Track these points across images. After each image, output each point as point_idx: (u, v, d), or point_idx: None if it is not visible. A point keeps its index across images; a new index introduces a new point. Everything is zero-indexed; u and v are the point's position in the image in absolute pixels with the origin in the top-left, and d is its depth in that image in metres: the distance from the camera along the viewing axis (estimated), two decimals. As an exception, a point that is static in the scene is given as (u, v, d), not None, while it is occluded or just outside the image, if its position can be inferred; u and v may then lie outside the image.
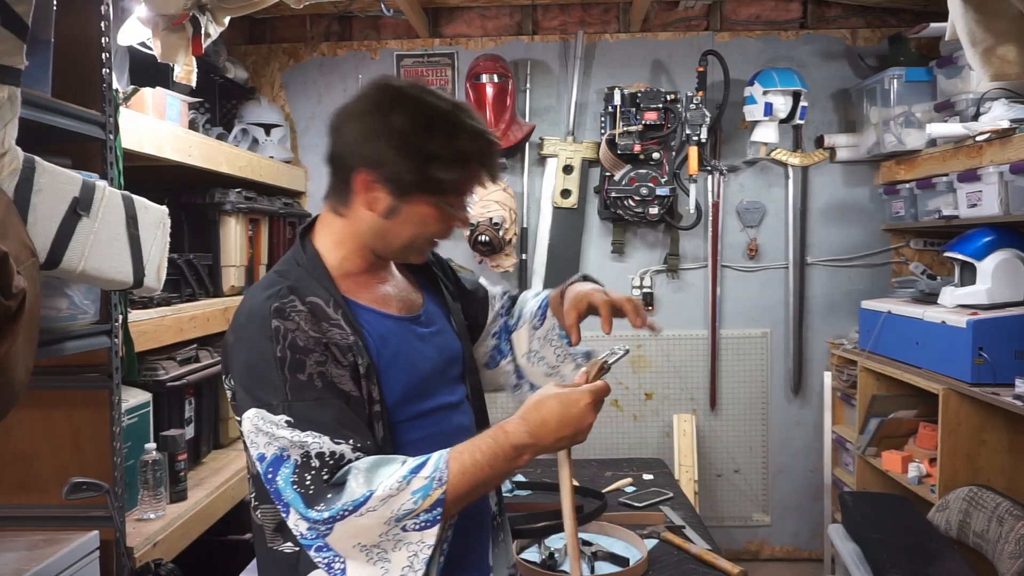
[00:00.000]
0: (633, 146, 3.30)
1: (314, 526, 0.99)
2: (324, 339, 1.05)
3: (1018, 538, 2.00)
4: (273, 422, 1.01)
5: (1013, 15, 1.51)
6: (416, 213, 1.12)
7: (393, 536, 0.99)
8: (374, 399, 1.09)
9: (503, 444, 1.04)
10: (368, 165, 1.09)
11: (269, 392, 1.02)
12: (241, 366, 1.06)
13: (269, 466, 1.02)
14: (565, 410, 1.05)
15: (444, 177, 1.09)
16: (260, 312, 1.06)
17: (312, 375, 1.03)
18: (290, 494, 1.00)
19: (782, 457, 3.58)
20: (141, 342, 1.96)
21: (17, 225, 1.23)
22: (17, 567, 1.49)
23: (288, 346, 1.03)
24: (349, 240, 1.16)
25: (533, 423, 1.05)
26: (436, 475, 0.99)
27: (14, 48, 1.21)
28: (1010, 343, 2.41)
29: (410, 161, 1.08)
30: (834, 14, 3.50)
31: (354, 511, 0.97)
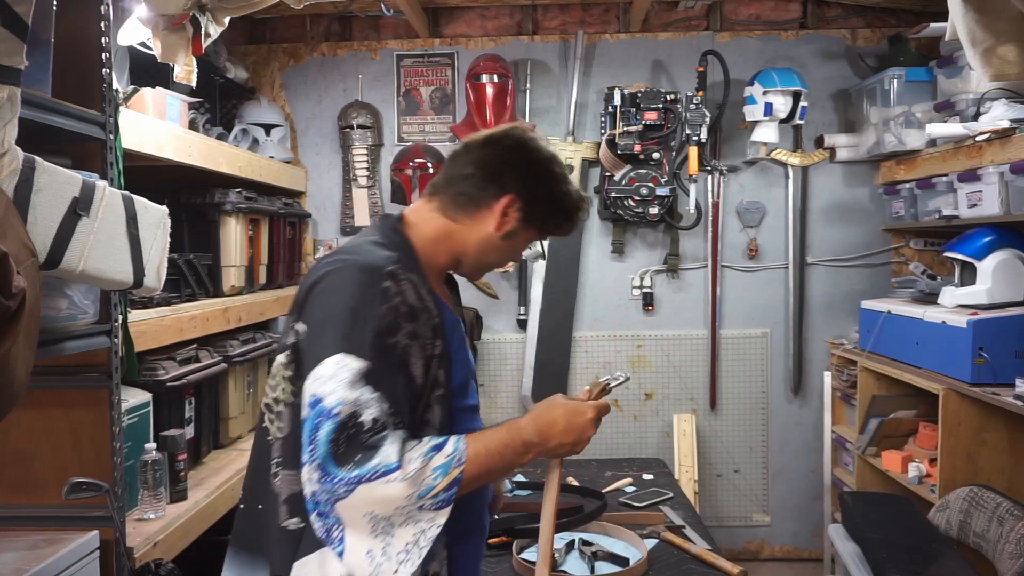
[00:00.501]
0: (633, 146, 3.30)
1: (336, 485, 1.01)
2: (421, 313, 1.13)
3: (1018, 538, 2.00)
4: (353, 370, 1.05)
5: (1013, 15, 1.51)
6: (520, 241, 1.29)
7: (406, 512, 1.03)
8: (439, 383, 1.15)
9: (515, 437, 1.11)
10: (517, 193, 1.24)
11: (359, 340, 1.06)
12: (340, 312, 1.09)
13: (321, 413, 1.04)
14: (572, 417, 1.14)
15: (554, 221, 1.29)
16: (375, 270, 1.11)
17: (397, 343, 1.09)
18: (324, 448, 1.02)
19: (782, 457, 3.58)
20: (141, 342, 1.96)
21: (17, 225, 1.23)
22: (17, 567, 1.49)
23: (393, 309, 1.09)
24: (448, 240, 1.25)
25: (542, 423, 1.13)
26: (456, 455, 1.05)
27: (14, 48, 1.21)
28: (1010, 343, 2.41)
29: (546, 203, 1.27)
30: (834, 14, 3.50)
31: (383, 475, 1.00)
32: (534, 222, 1.27)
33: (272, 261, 3.13)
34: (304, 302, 1.14)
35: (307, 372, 1.08)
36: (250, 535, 1.21)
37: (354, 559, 1.03)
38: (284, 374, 1.14)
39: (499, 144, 1.26)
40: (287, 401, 1.13)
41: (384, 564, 1.03)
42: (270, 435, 1.17)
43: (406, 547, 1.03)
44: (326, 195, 3.62)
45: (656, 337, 3.55)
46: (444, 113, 3.56)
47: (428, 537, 1.03)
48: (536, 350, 3.49)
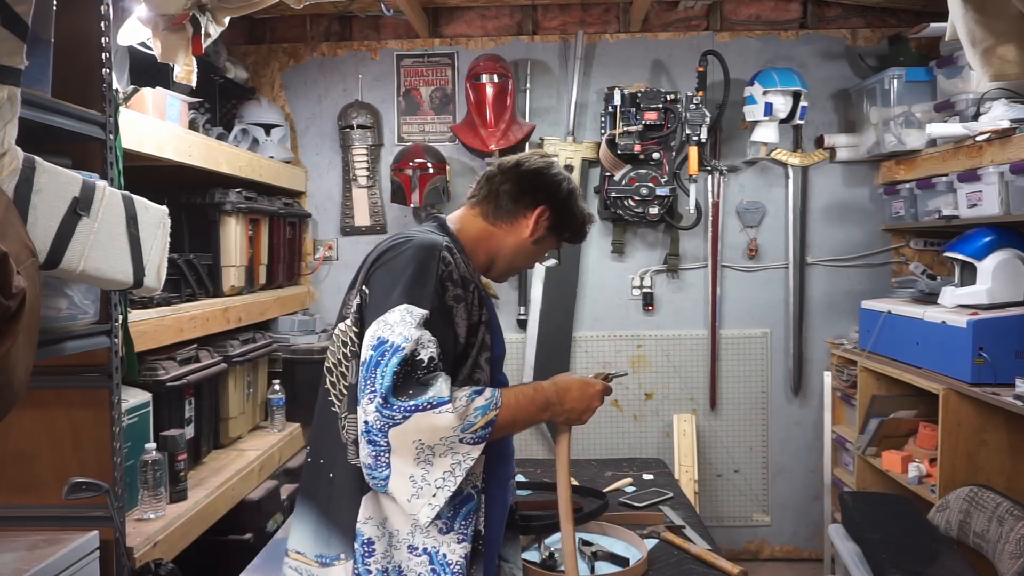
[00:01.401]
0: (633, 146, 3.31)
1: (395, 411, 1.17)
2: (473, 283, 1.34)
3: (1018, 538, 2.00)
4: (418, 315, 1.23)
5: (1013, 15, 1.51)
6: (543, 247, 1.52)
7: (448, 443, 1.19)
8: (487, 345, 1.35)
9: (539, 394, 1.33)
10: (551, 205, 1.48)
11: (422, 294, 1.26)
12: (403, 268, 1.29)
13: (386, 350, 1.20)
14: (584, 387, 1.37)
15: (571, 231, 1.53)
16: (434, 245, 1.32)
17: (446, 301, 1.29)
18: (387, 380, 1.18)
19: (782, 457, 3.58)
20: (141, 342, 1.96)
21: (17, 225, 1.23)
22: (17, 567, 1.49)
23: (447, 271, 1.30)
24: (488, 242, 1.48)
25: (560, 386, 1.34)
26: (494, 400, 1.24)
27: (14, 48, 1.21)
28: (1010, 343, 2.41)
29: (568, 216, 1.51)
30: (834, 14, 3.50)
31: (436, 407, 1.17)
32: (556, 231, 1.50)
33: (272, 261, 3.13)
34: (370, 271, 1.34)
35: (372, 322, 1.25)
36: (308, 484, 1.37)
37: (398, 482, 1.20)
38: (351, 334, 1.31)
39: (531, 165, 1.50)
40: (352, 354, 1.30)
41: (424, 488, 1.19)
42: (331, 395, 1.36)
43: (443, 475, 1.20)
44: (326, 195, 3.62)
45: (656, 337, 3.55)
46: (444, 113, 3.56)
47: (463, 468, 1.20)
48: (536, 350, 3.49)
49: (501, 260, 1.50)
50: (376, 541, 1.24)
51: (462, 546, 1.23)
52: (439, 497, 1.19)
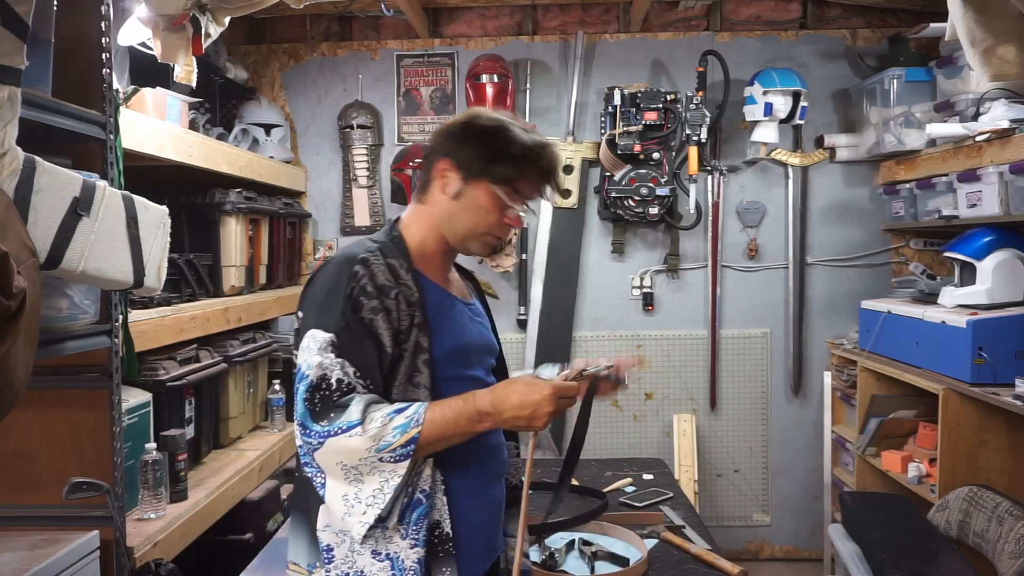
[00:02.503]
0: (633, 146, 3.31)
1: (312, 438, 1.19)
2: (396, 290, 1.27)
3: (1018, 538, 2.00)
4: (321, 340, 1.22)
5: (1013, 15, 1.51)
6: (477, 198, 1.34)
7: (370, 463, 1.19)
8: (423, 347, 1.28)
9: (470, 406, 1.24)
10: (447, 154, 1.36)
11: (330, 318, 1.24)
12: (317, 291, 1.29)
13: (299, 379, 1.23)
14: (527, 395, 1.24)
15: (504, 168, 1.33)
16: (349, 258, 1.28)
17: (363, 318, 1.24)
18: (301, 407, 1.20)
19: (782, 457, 3.58)
20: (141, 342, 1.96)
21: (17, 225, 1.23)
22: (17, 567, 1.50)
23: (359, 288, 1.25)
24: (426, 222, 1.38)
25: (497, 396, 1.25)
26: (415, 417, 1.20)
27: (14, 48, 1.21)
28: (1010, 343, 2.41)
29: (477, 150, 1.34)
30: (834, 14, 3.50)
31: (347, 431, 1.17)
32: (479, 174, 1.34)
33: (272, 261, 3.13)
34: (301, 295, 1.35)
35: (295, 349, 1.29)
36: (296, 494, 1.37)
37: (332, 501, 1.21)
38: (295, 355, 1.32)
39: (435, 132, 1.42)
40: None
41: (356, 506, 1.20)
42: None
43: (373, 493, 1.19)
44: (326, 195, 3.62)
45: (656, 337, 3.55)
46: (444, 113, 3.56)
47: (392, 485, 1.19)
48: (536, 350, 3.49)
49: (450, 233, 1.38)
50: (335, 547, 1.25)
51: (415, 551, 1.22)
52: (369, 514, 1.19)
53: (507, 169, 1.34)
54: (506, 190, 1.34)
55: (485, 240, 1.39)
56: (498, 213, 1.35)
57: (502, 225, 1.37)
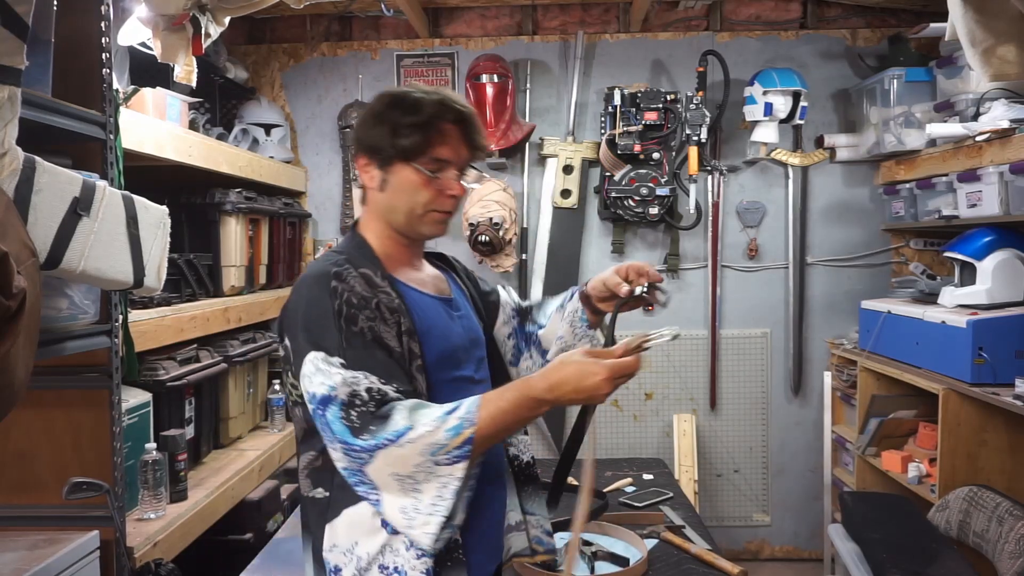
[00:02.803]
0: (633, 146, 3.30)
1: (358, 454, 1.13)
2: (375, 299, 1.22)
3: (1018, 538, 2.00)
4: (330, 362, 1.17)
5: (1013, 15, 1.51)
6: (401, 181, 1.29)
7: (426, 468, 1.12)
8: (416, 354, 1.24)
9: (526, 395, 1.17)
10: (360, 149, 1.32)
11: (328, 338, 1.18)
12: (303, 318, 1.22)
13: (320, 403, 1.16)
14: (580, 379, 1.15)
15: (410, 140, 1.26)
16: (322, 274, 1.23)
17: (363, 328, 1.19)
18: (339, 427, 1.15)
19: (782, 457, 3.58)
20: (141, 342, 1.96)
21: (17, 225, 1.23)
22: (17, 567, 1.50)
23: (344, 302, 1.20)
24: (374, 222, 1.35)
25: (552, 381, 1.16)
26: (468, 416, 1.13)
27: (14, 48, 1.21)
28: (1010, 343, 2.41)
29: (380, 132, 1.28)
30: (834, 14, 3.50)
31: (395, 441, 1.11)
32: (390, 157, 1.28)
33: (272, 261, 3.13)
34: (281, 321, 1.29)
35: (297, 377, 1.22)
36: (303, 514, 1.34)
37: (392, 515, 1.16)
38: (289, 384, 1.29)
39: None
40: (296, 401, 1.28)
41: (416, 518, 1.14)
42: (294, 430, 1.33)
43: (433, 501, 1.13)
44: (326, 195, 3.62)
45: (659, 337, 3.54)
46: (444, 113, 3.55)
47: (451, 490, 1.13)
48: (536, 350, 3.48)
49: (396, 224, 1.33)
50: (343, 568, 1.22)
51: (422, 561, 1.17)
52: (432, 524, 1.13)
53: (414, 139, 1.26)
54: (423, 161, 1.28)
55: (432, 219, 1.32)
56: (429, 188, 1.29)
57: (440, 197, 1.30)
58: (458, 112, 1.30)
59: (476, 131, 1.33)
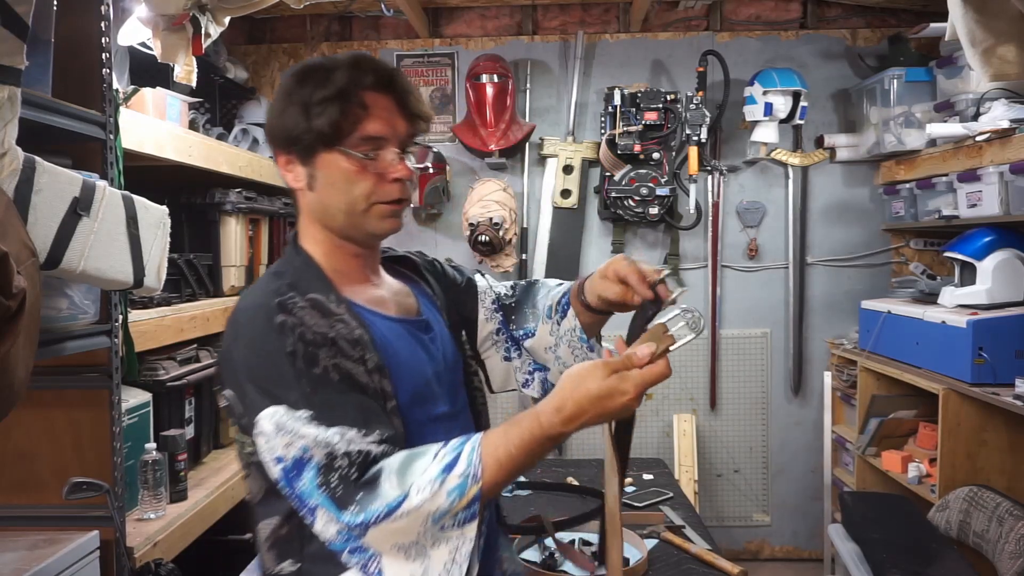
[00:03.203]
0: (633, 146, 3.30)
1: (348, 530, 0.95)
2: (332, 333, 1.01)
3: (1018, 538, 2.00)
4: (295, 418, 0.96)
5: (1013, 15, 1.51)
6: (330, 173, 1.07)
7: (432, 535, 0.96)
8: (388, 393, 1.05)
9: (537, 436, 0.97)
10: (274, 143, 1.11)
11: (285, 388, 0.98)
12: (248, 366, 1.01)
13: (292, 469, 0.97)
14: (604, 403, 0.96)
15: (327, 120, 1.04)
16: (263, 309, 1.02)
17: (327, 367, 0.99)
18: (318, 497, 0.96)
19: (782, 457, 3.58)
20: (141, 342, 1.96)
21: (17, 225, 1.23)
22: (17, 567, 1.49)
23: (298, 339, 0.99)
24: (312, 229, 1.13)
25: (569, 413, 0.96)
26: (471, 472, 0.95)
27: (14, 48, 1.21)
28: (1010, 343, 2.41)
29: (293, 117, 1.06)
30: (834, 14, 3.50)
31: (388, 516, 0.94)
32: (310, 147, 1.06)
33: (272, 261, 3.12)
34: (219, 367, 1.08)
35: (250, 433, 1.01)
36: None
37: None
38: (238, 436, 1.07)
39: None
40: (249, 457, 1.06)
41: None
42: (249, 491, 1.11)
43: (444, 567, 0.96)
44: (326, 195, 3.61)
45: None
46: (444, 113, 3.56)
47: (464, 553, 0.96)
48: (536, 350, 3.48)
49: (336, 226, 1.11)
50: None
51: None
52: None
53: (331, 117, 1.04)
54: (351, 143, 1.06)
55: (379, 212, 1.09)
56: (365, 175, 1.07)
57: (382, 184, 1.08)
58: (379, 75, 1.07)
59: (409, 96, 1.10)
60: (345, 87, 1.04)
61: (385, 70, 1.08)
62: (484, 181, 3.38)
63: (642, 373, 0.96)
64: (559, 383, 0.99)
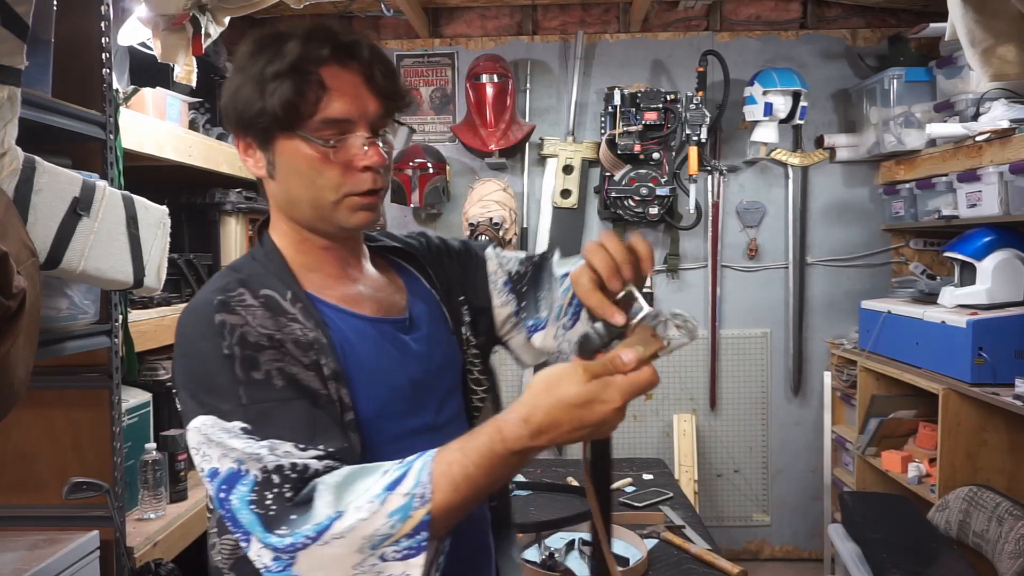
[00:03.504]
0: (633, 146, 3.30)
1: (278, 554, 0.80)
2: (279, 335, 0.89)
3: (1018, 538, 2.00)
4: (226, 430, 0.84)
5: (1013, 15, 1.51)
6: (290, 160, 0.94)
7: (370, 568, 0.79)
8: (347, 404, 0.92)
9: (499, 452, 0.79)
10: (231, 127, 0.97)
11: (219, 396, 0.86)
12: (184, 369, 0.90)
13: (223, 483, 0.84)
14: (581, 412, 0.78)
15: (280, 100, 0.90)
16: (203, 308, 0.90)
17: (270, 372, 0.87)
18: (247, 516, 0.82)
19: (782, 457, 3.58)
20: (141, 342, 1.96)
21: (17, 225, 1.23)
22: (17, 567, 1.50)
23: (237, 342, 0.87)
24: (278, 220, 1.01)
25: (538, 424, 0.78)
26: (418, 491, 0.79)
27: (14, 48, 1.21)
28: (1010, 343, 2.41)
29: (248, 95, 0.92)
30: (834, 14, 3.50)
31: (317, 538, 0.78)
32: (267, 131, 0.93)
33: (272, 261, 3.12)
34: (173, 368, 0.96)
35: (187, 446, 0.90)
36: None
37: None
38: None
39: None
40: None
41: None
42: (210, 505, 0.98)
43: None
44: (326, 195, 3.61)
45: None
46: (444, 113, 3.56)
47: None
48: (536, 350, 3.48)
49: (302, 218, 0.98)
50: None
51: None
52: None
53: (284, 98, 0.89)
54: (312, 127, 0.91)
55: (351, 205, 0.95)
56: (330, 164, 0.93)
57: (351, 174, 0.94)
58: (339, 47, 0.92)
59: (380, 69, 0.94)
60: (297, 61, 0.90)
61: (346, 41, 0.93)
62: (484, 181, 3.38)
63: (628, 379, 0.81)
64: (528, 387, 0.80)
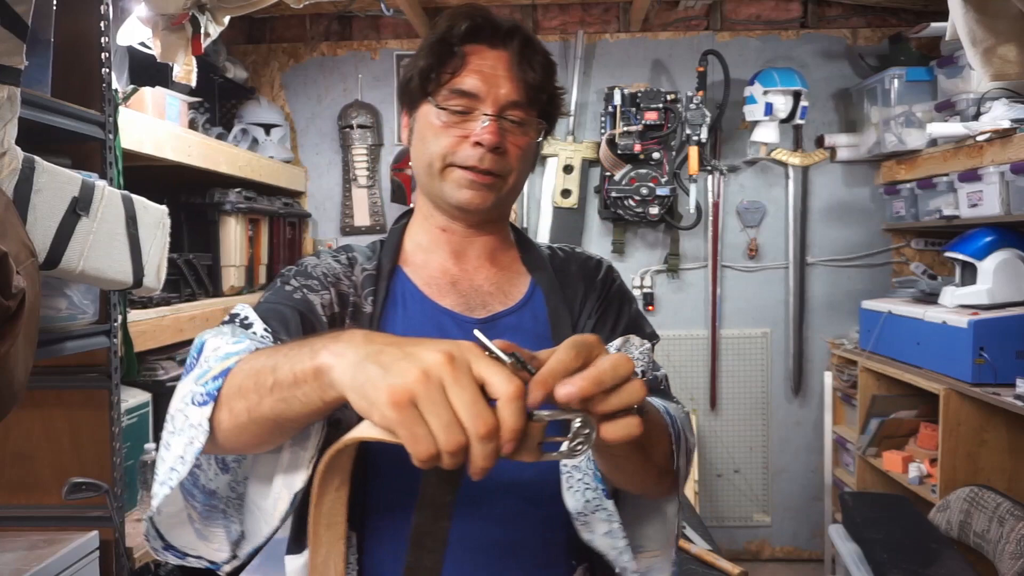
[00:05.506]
0: (633, 146, 3.30)
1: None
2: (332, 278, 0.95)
3: (1019, 538, 2.00)
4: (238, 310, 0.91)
5: (1013, 15, 1.51)
6: (420, 124, 0.99)
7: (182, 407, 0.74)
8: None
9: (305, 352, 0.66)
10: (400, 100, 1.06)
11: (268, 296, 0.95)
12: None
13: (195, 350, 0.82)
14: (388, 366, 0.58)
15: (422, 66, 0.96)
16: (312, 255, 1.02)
17: (298, 288, 0.93)
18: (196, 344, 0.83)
19: (782, 457, 3.57)
20: (141, 342, 1.96)
21: (17, 225, 1.23)
22: (17, 567, 1.49)
23: (299, 271, 0.96)
24: (418, 193, 1.05)
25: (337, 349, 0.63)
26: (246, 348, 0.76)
27: (14, 48, 1.21)
28: (1011, 343, 2.41)
29: (407, 67, 1.01)
30: (834, 14, 3.50)
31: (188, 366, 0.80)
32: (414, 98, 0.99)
33: (272, 261, 3.13)
34: None
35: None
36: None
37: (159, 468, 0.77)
38: None
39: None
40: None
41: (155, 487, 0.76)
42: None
43: (174, 462, 0.73)
44: (326, 195, 3.61)
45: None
46: (444, 113, 3.55)
47: (193, 451, 0.71)
48: (536, 350, 3.48)
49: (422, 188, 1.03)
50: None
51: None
52: (158, 497, 0.74)
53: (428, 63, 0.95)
54: (442, 96, 0.95)
55: (452, 177, 0.96)
56: (446, 131, 0.95)
57: (460, 146, 0.94)
58: (493, 28, 0.96)
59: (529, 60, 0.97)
60: (446, 34, 0.95)
61: (501, 26, 0.97)
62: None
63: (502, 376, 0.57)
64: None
